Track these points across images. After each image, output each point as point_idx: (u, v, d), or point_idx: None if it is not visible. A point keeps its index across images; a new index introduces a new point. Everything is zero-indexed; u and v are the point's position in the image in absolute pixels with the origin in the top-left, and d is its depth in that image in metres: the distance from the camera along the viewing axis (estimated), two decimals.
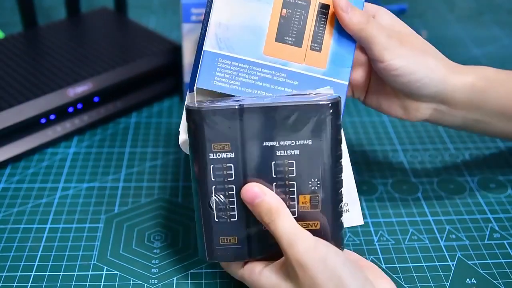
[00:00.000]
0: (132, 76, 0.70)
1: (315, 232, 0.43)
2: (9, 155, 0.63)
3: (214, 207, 0.44)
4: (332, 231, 0.44)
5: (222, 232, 0.44)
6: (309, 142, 0.43)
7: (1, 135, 0.62)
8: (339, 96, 0.44)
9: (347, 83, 0.49)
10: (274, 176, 0.43)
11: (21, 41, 0.75)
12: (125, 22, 0.81)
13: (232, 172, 0.43)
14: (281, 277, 0.43)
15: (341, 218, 0.45)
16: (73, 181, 0.62)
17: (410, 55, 0.49)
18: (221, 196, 0.44)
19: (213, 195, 0.44)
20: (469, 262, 0.53)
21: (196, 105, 0.43)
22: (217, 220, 0.44)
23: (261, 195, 0.43)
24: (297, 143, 0.43)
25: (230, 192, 0.44)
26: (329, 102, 0.42)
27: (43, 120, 0.65)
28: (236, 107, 0.42)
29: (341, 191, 0.44)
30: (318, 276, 0.40)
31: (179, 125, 0.71)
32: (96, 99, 0.69)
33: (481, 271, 0.52)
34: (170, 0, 1.05)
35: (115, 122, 0.71)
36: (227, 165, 0.43)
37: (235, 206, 0.44)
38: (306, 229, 0.43)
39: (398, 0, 1.06)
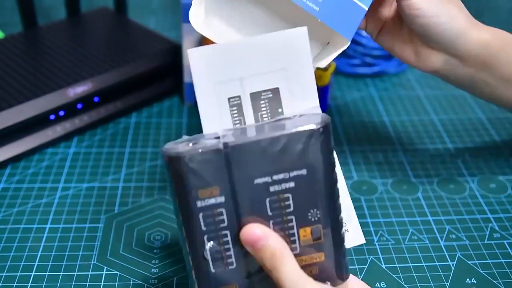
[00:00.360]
0: (132, 76, 0.70)
1: (321, 265, 0.41)
2: (9, 155, 0.63)
3: (209, 257, 0.39)
4: (336, 260, 0.41)
5: (221, 282, 0.40)
6: (303, 172, 0.39)
7: (1, 135, 0.62)
8: (328, 118, 0.40)
9: (366, 8, 0.46)
10: (270, 214, 0.39)
11: (21, 41, 0.75)
12: (125, 22, 0.81)
13: (224, 217, 0.39)
14: None
15: (344, 244, 0.42)
16: (73, 181, 0.62)
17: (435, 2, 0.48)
18: (215, 244, 0.39)
19: (206, 246, 0.39)
20: (469, 262, 0.53)
21: (176, 151, 0.38)
22: (214, 270, 0.40)
23: (264, 238, 0.39)
24: (291, 175, 0.39)
25: (224, 239, 0.39)
26: (319, 126, 0.39)
27: (43, 120, 0.65)
28: (221, 146, 0.38)
29: (341, 217, 0.41)
30: None
31: (179, 125, 0.71)
32: (96, 99, 0.69)
33: (481, 271, 0.52)
34: (170, 0, 1.05)
35: (115, 122, 0.71)
36: (218, 210, 0.39)
37: (232, 253, 0.40)
38: (312, 263, 0.40)
39: None
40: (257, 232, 0.39)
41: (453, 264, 0.52)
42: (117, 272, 0.51)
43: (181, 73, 0.75)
